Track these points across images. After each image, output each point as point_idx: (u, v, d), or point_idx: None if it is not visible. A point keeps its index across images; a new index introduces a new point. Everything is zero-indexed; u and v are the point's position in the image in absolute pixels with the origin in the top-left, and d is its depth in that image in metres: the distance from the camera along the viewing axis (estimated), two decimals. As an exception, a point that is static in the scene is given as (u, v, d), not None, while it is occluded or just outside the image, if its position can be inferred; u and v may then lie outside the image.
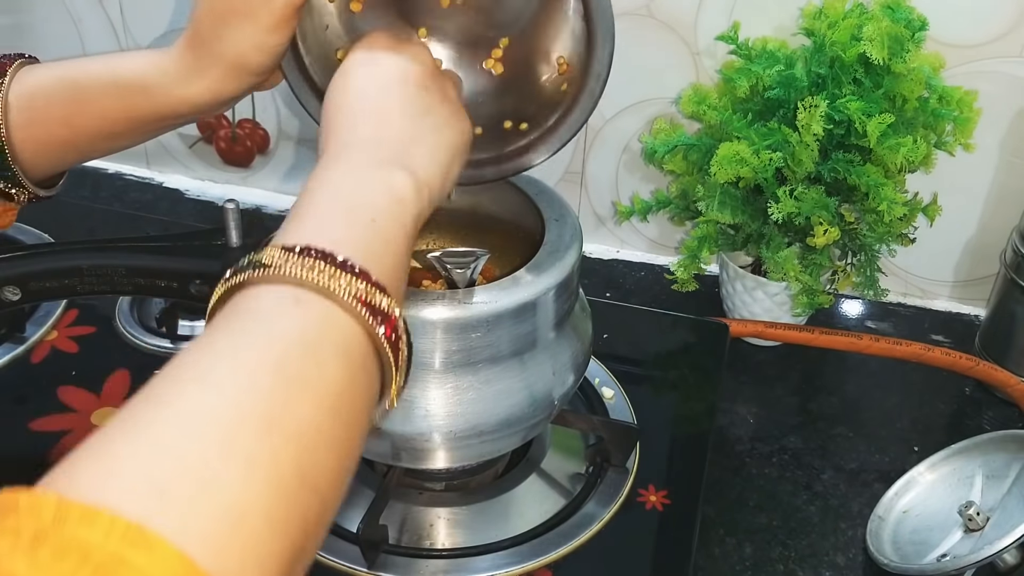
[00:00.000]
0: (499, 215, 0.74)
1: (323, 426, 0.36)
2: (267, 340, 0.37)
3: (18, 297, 0.65)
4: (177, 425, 0.33)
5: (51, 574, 0.27)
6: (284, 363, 0.36)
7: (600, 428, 0.76)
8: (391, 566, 0.67)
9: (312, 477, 0.35)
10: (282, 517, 0.33)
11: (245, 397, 0.34)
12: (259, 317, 0.38)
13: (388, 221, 0.44)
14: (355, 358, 0.39)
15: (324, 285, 0.39)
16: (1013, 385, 0.86)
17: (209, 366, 0.35)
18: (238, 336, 0.37)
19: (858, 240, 0.87)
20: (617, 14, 0.95)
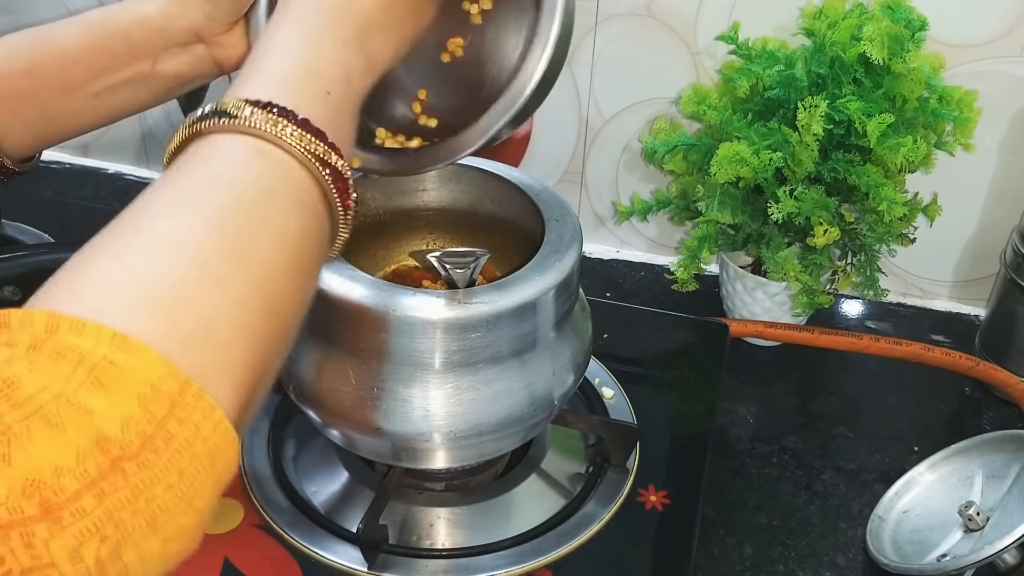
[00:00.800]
0: (499, 215, 0.74)
1: (282, 262, 0.40)
2: (232, 184, 0.40)
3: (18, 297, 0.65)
4: (154, 249, 0.36)
5: (51, 375, 0.30)
6: (248, 206, 0.40)
7: (600, 428, 0.76)
8: (391, 566, 0.67)
9: (274, 302, 0.39)
10: (249, 332, 0.37)
11: (215, 230, 0.38)
12: (224, 164, 0.41)
13: (340, 96, 0.47)
14: (309, 209, 0.43)
15: (286, 141, 0.42)
16: (1013, 385, 0.86)
17: (180, 202, 0.39)
18: (205, 179, 0.40)
19: (858, 240, 0.87)
20: (617, 14, 0.96)
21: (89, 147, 1.21)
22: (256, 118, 0.42)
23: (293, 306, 0.41)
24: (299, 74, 0.46)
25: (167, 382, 0.32)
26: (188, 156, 0.42)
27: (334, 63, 0.48)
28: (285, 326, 0.40)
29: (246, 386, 0.37)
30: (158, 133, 1.17)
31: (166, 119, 1.16)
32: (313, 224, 0.43)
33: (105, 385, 0.31)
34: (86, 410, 0.30)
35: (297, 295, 0.42)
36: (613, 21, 0.96)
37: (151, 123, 1.17)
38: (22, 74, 0.60)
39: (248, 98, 0.43)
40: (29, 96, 0.61)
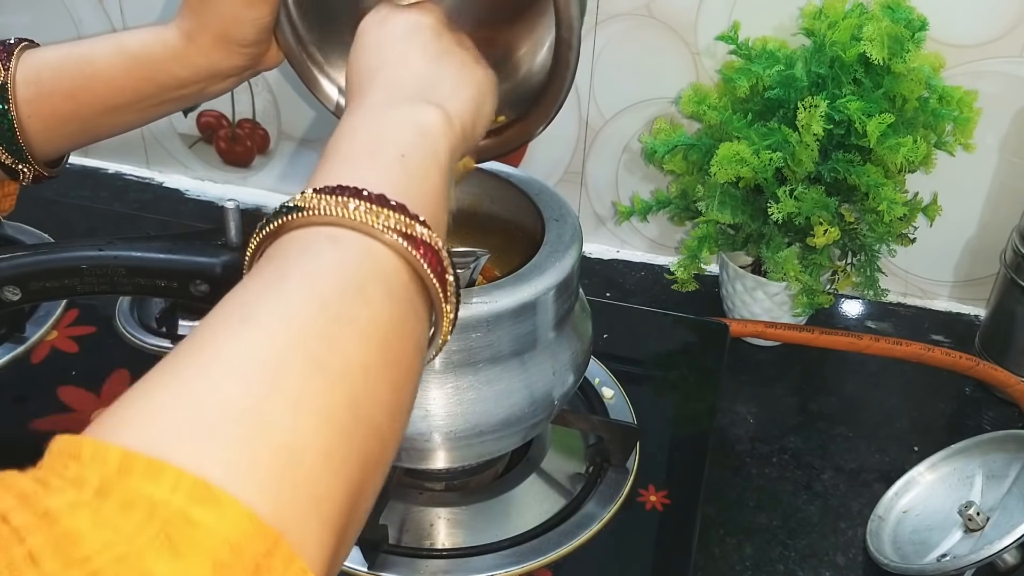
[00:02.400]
0: (499, 215, 0.74)
1: (372, 362, 0.35)
2: (308, 279, 0.36)
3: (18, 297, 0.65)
4: (222, 368, 0.32)
5: (116, 530, 0.26)
6: (327, 301, 0.35)
7: (600, 428, 0.76)
8: (391, 566, 0.67)
9: (366, 414, 0.34)
10: (338, 456, 0.32)
11: (290, 337, 0.33)
12: (298, 258, 0.37)
13: (419, 156, 0.43)
14: (399, 292, 0.38)
15: (361, 220, 0.38)
16: (1013, 385, 0.86)
17: (251, 308, 0.34)
18: (278, 278, 0.36)
19: (858, 240, 0.87)
20: (617, 14, 0.96)
21: (89, 147, 1.21)
22: (323, 204, 0.38)
23: (389, 416, 0.36)
24: (366, 148, 0.43)
25: (252, 542, 0.27)
26: (263, 259, 0.38)
27: (400, 124, 0.44)
28: (381, 443, 0.35)
29: (338, 528, 0.32)
30: (158, 133, 1.17)
31: (166, 119, 1.15)
32: (405, 309, 0.38)
33: (177, 546, 0.26)
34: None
35: (393, 401, 0.37)
36: (613, 21, 0.96)
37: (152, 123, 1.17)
38: (66, 97, 0.60)
39: (315, 187, 0.39)
40: (72, 115, 0.60)
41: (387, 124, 0.44)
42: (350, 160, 0.42)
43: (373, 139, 0.43)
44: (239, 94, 1.11)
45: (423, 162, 0.43)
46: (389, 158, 0.42)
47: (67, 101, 0.60)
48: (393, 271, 0.38)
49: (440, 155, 0.44)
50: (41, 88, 0.59)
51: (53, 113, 0.60)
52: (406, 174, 0.42)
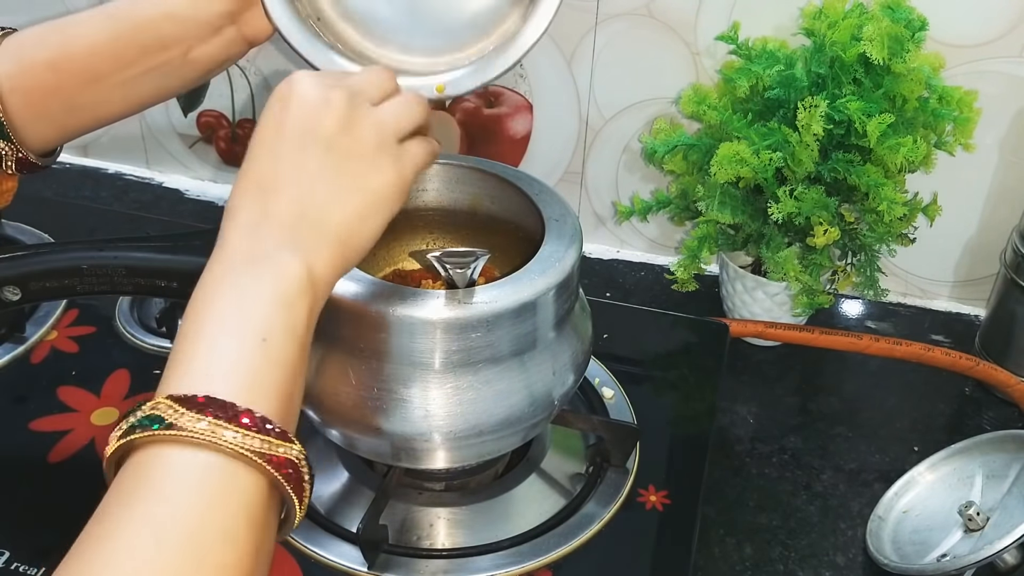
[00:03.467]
0: (499, 215, 0.74)
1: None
2: (180, 528, 0.37)
3: (18, 297, 0.65)
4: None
5: None
6: (201, 553, 0.37)
7: (600, 428, 0.76)
8: (391, 566, 0.67)
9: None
10: None
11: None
12: (166, 493, 0.38)
13: (280, 335, 0.44)
14: (260, 516, 0.40)
15: (229, 448, 0.39)
16: (1013, 385, 0.86)
17: (128, 564, 0.36)
18: (149, 525, 0.37)
19: (858, 240, 0.87)
20: (617, 14, 0.96)
21: (89, 147, 1.21)
22: (187, 422, 0.39)
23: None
24: (227, 332, 0.43)
25: None
26: (126, 480, 0.39)
27: (262, 293, 0.44)
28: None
29: None
30: (158, 133, 1.17)
31: (166, 118, 1.16)
32: (264, 535, 0.41)
33: None
34: None
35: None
36: (613, 21, 0.96)
37: (151, 123, 1.17)
38: (47, 66, 0.59)
39: (177, 394, 0.40)
40: (54, 88, 0.60)
41: (248, 294, 0.44)
42: (213, 348, 0.42)
43: (234, 319, 0.43)
44: (239, 94, 1.11)
45: (283, 343, 0.44)
46: (250, 345, 0.43)
47: (48, 72, 0.59)
48: (255, 495, 0.40)
49: (299, 327, 0.45)
50: (22, 60, 0.59)
51: (35, 86, 0.59)
52: (267, 362, 0.43)
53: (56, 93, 0.60)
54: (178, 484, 0.39)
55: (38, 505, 0.71)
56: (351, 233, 0.49)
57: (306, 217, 0.48)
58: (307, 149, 0.49)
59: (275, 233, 0.47)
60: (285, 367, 0.44)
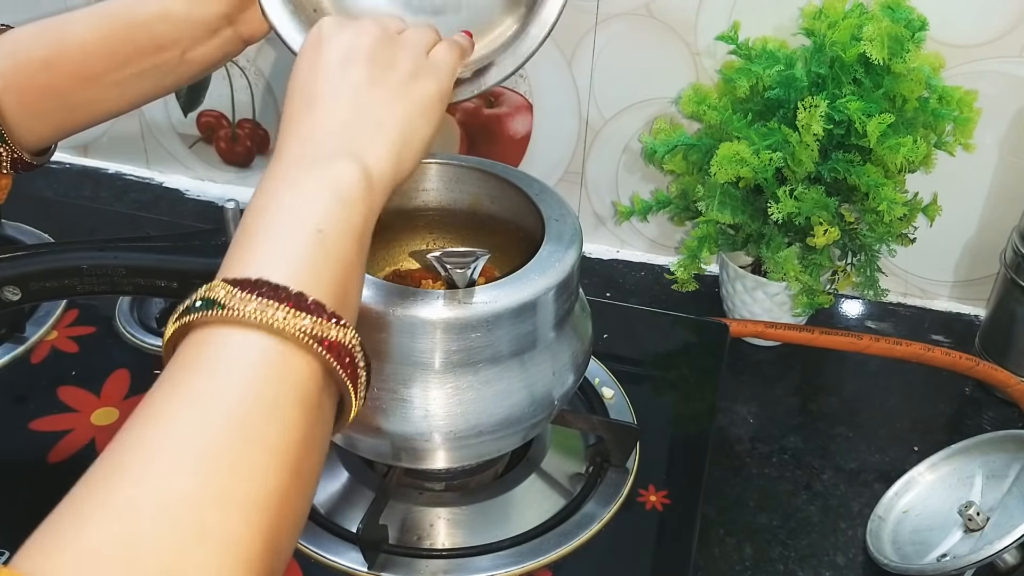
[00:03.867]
0: (499, 215, 0.74)
1: (289, 487, 0.37)
2: (221, 401, 0.37)
3: (18, 297, 0.65)
4: (149, 509, 0.33)
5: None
6: (247, 430, 0.36)
7: (600, 428, 0.76)
8: (391, 566, 0.67)
9: (277, 540, 0.36)
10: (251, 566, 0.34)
11: (214, 475, 0.35)
12: (210, 372, 0.38)
13: (337, 229, 0.44)
14: (311, 400, 0.39)
15: (280, 327, 0.39)
16: (1013, 385, 0.86)
17: (161, 438, 0.35)
18: (189, 399, 0.37)
19: (858, 240, 0.87)
20: (617, 14, 0.96)
21: (89, 147, 1.21)
22: (242, 304, 0.39)
23: (295, 534, 0.39)
24: (284, 223, 0.43)
25: None
26: (179, 358, 0.39)
27: (319, 193, 0.44)
28: (290, 536, 0.38)
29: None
30: (158, 133, 1.17)
31: (166, 118, 1.16)
32: (315, 420, 0.40)
33: None
34: None
35: (302, 512, 0.39)
36: (613, 21, 0.96)
37: (151, 123, 1.17)
38: (42, 65, 0.59)
39: (234, 277, 0.40)
40: (49, 87, 0.59)
41: (307, 194, 0.44)
42: (269, 239, 0.42)
43: (291, 211, 0.43)
44: (239, 94, 1.11)
45: (340, 238, 0.44)
46: (307, 236, 0.43)
47: (42, 71, 0.59)
48: (307, 378, 0.39)
49: (357, 225, 0.45)
50: (17, 58, 0.59)
51: (29, 85, 0.59)
52: (323, 253, 0.42)
53: (50, 92, 0.60)
54: (226, 363, 0.38)
55: (38, 505, 0.70)
56: (404, 138, 0.50)
57: (359, 122, 0.49)
58: (349, 65, 0.51)
59: (331, 138, 0.48)
60: (341, 261, 0.43)
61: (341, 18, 0.54)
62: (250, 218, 0.44)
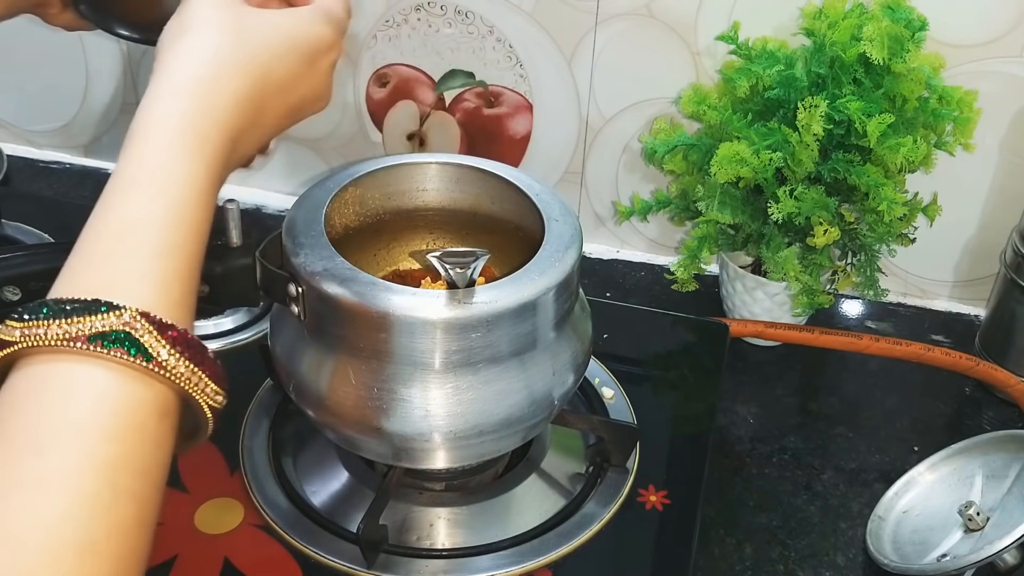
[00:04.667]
0: (499, 215, 0.74)
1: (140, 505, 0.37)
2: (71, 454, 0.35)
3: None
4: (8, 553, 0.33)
5: None
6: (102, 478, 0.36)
7: (600, 428, 0.76)
8: (391, 566, 0.67)
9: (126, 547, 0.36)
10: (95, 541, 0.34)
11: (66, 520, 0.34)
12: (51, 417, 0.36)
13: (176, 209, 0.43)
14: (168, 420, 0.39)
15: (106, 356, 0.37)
16: (1013, 385, 0.86)
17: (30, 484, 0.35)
18: (36, 450, 0.35)
19: (858, 240, 0.87)
20: (617, 14, 0.96)
21: (89, 147, 1.21)
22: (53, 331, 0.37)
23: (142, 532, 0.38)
24: (110, 232, 0.42)
25: None
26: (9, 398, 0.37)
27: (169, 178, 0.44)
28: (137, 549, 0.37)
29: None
30: (158, 133, 1.17)
31: (166, 119, 1.16)
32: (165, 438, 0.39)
33: None
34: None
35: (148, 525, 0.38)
36: (613, 21, 0.96)
37: None
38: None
39: (60, 297, 0.39)
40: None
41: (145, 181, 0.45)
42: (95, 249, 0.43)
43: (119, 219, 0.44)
44: (239, 94, 1.11)
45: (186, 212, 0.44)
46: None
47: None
48: (158, 395, 0.39)
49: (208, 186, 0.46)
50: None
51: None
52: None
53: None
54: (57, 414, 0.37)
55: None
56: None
57: None
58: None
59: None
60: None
61: None
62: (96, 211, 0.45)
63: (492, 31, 0.99)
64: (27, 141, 1.21)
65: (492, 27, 0.98)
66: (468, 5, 0.98)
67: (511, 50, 0.99)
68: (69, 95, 1.16)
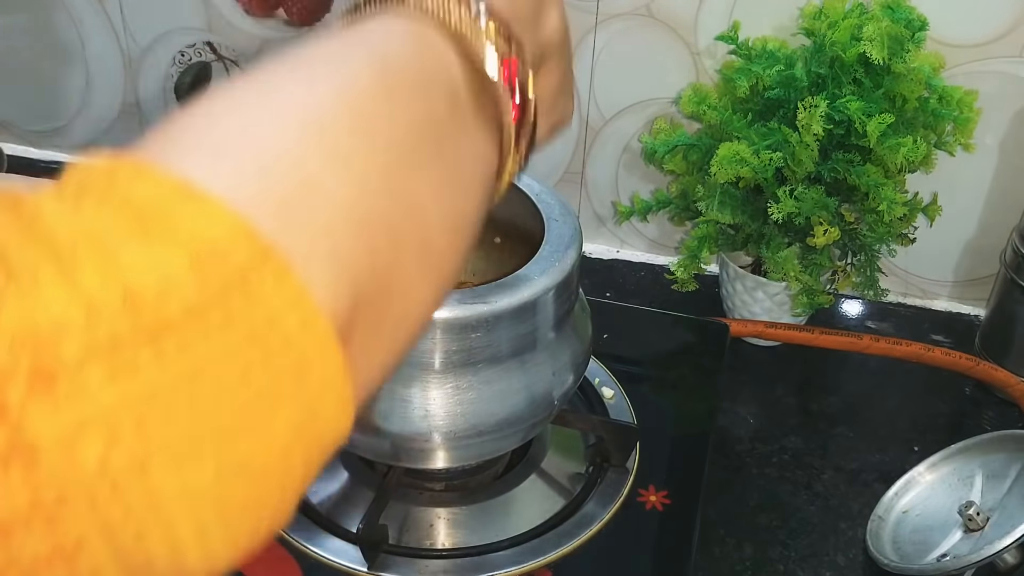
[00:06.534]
0: (499, 215, 0.74)
1: (422, 150, 0.31)
2: (376, 54, 0.32)
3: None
4: (261, 107, 0.28)
5: (86, 215, 0.23)
6: (390, 78, 0.31)
7: (600, 428, 0.76)
8: (391, 566, 0.67)
9: (404, 198, 0.30)
10: (361, 214, 0.28)
11: (343, 93, 0.30)
12: (374, 38, 0.33)
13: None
14: (461, 105, 0.34)
15: (454, 27, 0.34)
16: (1013, 385, 0.86)
17: (310, 61, 0.31)
18: (347, 45, 0.32)
19: (858, 240, 0.87)
20: (617, 14, 0.96)
21: (89, 147, 1.21)
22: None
23: (437, 212, 0.32)
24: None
25: (239, 246, 0.23)
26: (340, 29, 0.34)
27: None
28: (421, 234, 0.31)
29: (356, 286, 0.27)
30: (158, 133, 1.17)
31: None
32: (464, 119, 0.34)
33: (149, 232, 0.23)
34: (114, 256, 0.22)
35: (434, 193, 0.32)
36: (613, 21, 0.96)
37: (152, 123, 1.17)
38: None
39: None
40: None
41: None
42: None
43: None
44: (239, 94, 1.11)
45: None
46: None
47: None
48: (456, 69, 0.34)
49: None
50: None
51: None
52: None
53: None
54: (383, 39, 0.33)
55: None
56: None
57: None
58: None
59: None
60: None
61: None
62: None
63: (492, 31, 0.98)
64: (27, 141, 1.21)
65: (492, 27, 0.98)
66: (468, 5, 0.98)
67: (511, 50, 0.99)
68: (69, 95, 1.16)
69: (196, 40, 1.08)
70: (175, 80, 1.11)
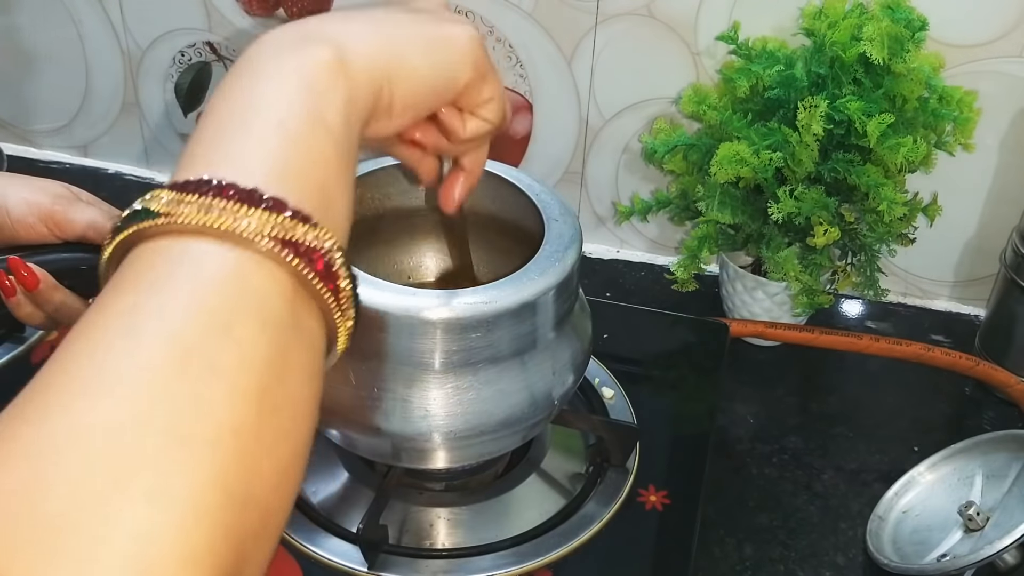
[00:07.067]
0: (499, 215, 0.74)
1: (252, 422, 0.30)
2: (163, 322, 0.30)
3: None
4: (69, 447, 0.27)
5: None
6: (186, 350, 0.29)
7: (600, 428, 0.76)
8: (391, 566, 0.67)
9: (242, 488, 0.29)
10: (204, 547, 0.27)
11: (141, 402, 0.28)
12: (150, 289, 0.31)
13: (302, 120, 0.35)
14: (277, 317, 0.32)
15: (228, 229, 0.31)
16: (1013, 385, 0.86)
17: (98, 365, 0.29)
18: (128, 322, 0.30)
19: (858, 240, 0.87)
20: (617, 14, 0.96)
21: (89, 147, 1.21)
22: (184, 208, 0.32)
23: (274, 479, 0.31)
24: (237, 114, 0.35)
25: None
26: (116, 278, 0.32)
27: (280, 77, 0.36)
28: (264, 513, 0.30)
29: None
30: (158, 133, 1.17)
31: (166, 119, 1.16)
32: (288, 340, 0.32)
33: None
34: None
35: (277, 459, 0.31)
36: (613, 21, 0.96)
37: (151, 123, 1.17)
38: None
39: (176, 180, 0.33)
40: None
41: (266, 79, 0.36)
42: (219, 134, 0.35)
43: (246, 102, 0.35)
44: (239, 94, 1.11)
45: (309, 129, 0.35)
46: (265, 128, 0.35)
47: None
48: (268, 291, 0.32)
49: (327, 116, 0.36)
50: None
51: None
52: (286, 146, 0.34)
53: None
54: (165, 276, 0.31)
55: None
56: (398, 44, 0.41)
57: (347, 19, 0.40)
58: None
59: (308, 26, 0.39)
60: (311, 156, 0.35)
61: None
62: (203, 118, 0.36)
63: (492, 31, 0.99)
64: (27, 141, 1.21)
65: (492, 27, 0.98)
66: (468, 5, 0.98)
67: (511, 50, 0.99)
68: (69, 95, 1.16)
69: (196, 40, 1.08)
70: (175, 80, 1.11)
